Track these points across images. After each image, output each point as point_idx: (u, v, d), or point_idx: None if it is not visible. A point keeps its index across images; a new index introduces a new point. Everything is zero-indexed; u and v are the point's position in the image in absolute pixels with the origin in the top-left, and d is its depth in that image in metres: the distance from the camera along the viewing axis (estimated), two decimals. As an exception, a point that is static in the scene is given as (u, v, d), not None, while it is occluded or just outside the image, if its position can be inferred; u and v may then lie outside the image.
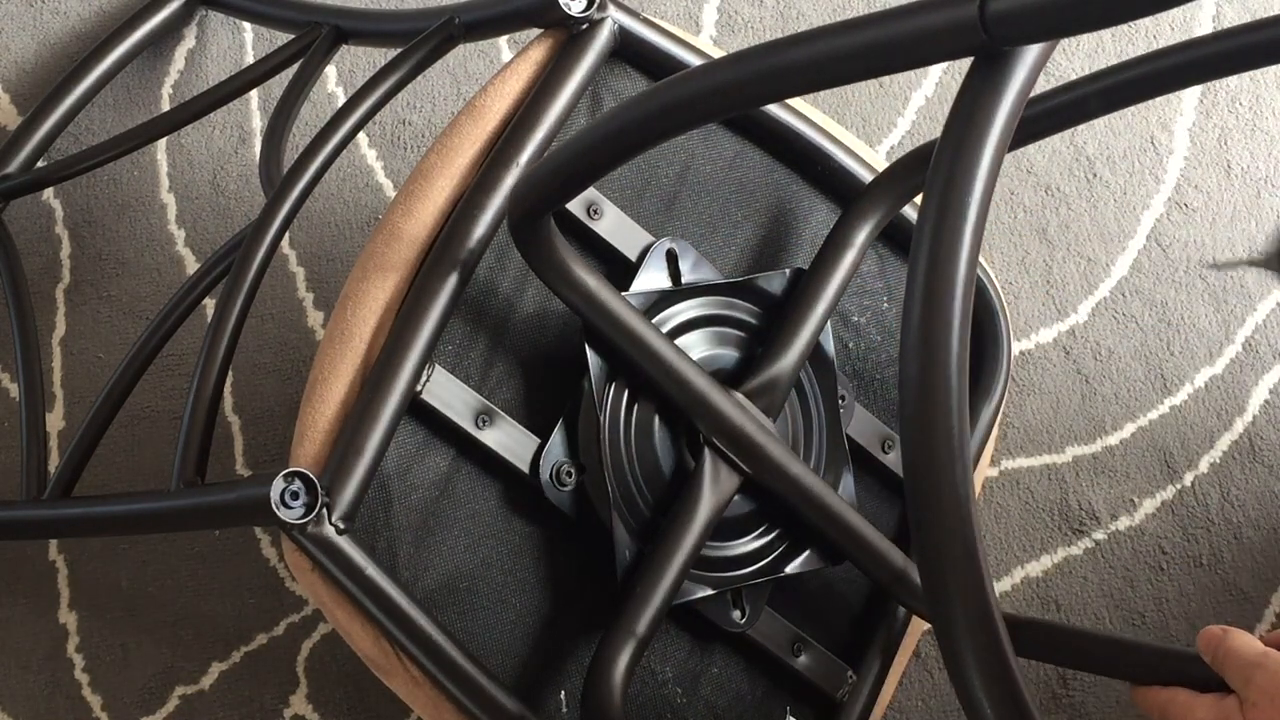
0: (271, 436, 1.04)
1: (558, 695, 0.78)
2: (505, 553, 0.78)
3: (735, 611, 0.82)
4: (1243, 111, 1.18)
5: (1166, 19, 1.20)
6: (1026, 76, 0.53)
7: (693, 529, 0.76)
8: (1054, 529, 1.09)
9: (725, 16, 1.16)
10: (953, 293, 0.53)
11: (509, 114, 0.80)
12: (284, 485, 0.70)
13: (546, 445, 0.77)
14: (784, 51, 0.55)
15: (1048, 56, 0.53)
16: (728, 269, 0.86)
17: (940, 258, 0.53)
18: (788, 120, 0.87)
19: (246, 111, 1.10)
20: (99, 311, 1.06)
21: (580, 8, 0.81)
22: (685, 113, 0.59)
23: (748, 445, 0.78)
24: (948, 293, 0.53)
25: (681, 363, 0.77)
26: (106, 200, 1.08)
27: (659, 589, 0.75)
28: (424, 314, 0.74)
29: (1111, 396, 1.11)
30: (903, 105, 1.16)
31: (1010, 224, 1.14)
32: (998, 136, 0.53)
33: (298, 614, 1.01)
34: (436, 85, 1.12)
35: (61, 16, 1.11)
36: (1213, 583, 1.08)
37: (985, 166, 0.52)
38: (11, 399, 1.04)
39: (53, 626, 1.00)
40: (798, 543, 0.83)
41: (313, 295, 1.07)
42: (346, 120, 0.86)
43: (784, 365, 0.80)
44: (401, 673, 0.74)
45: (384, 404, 0.72)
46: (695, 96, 0.58)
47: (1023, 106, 0.53)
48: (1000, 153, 0.53)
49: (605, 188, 0.82)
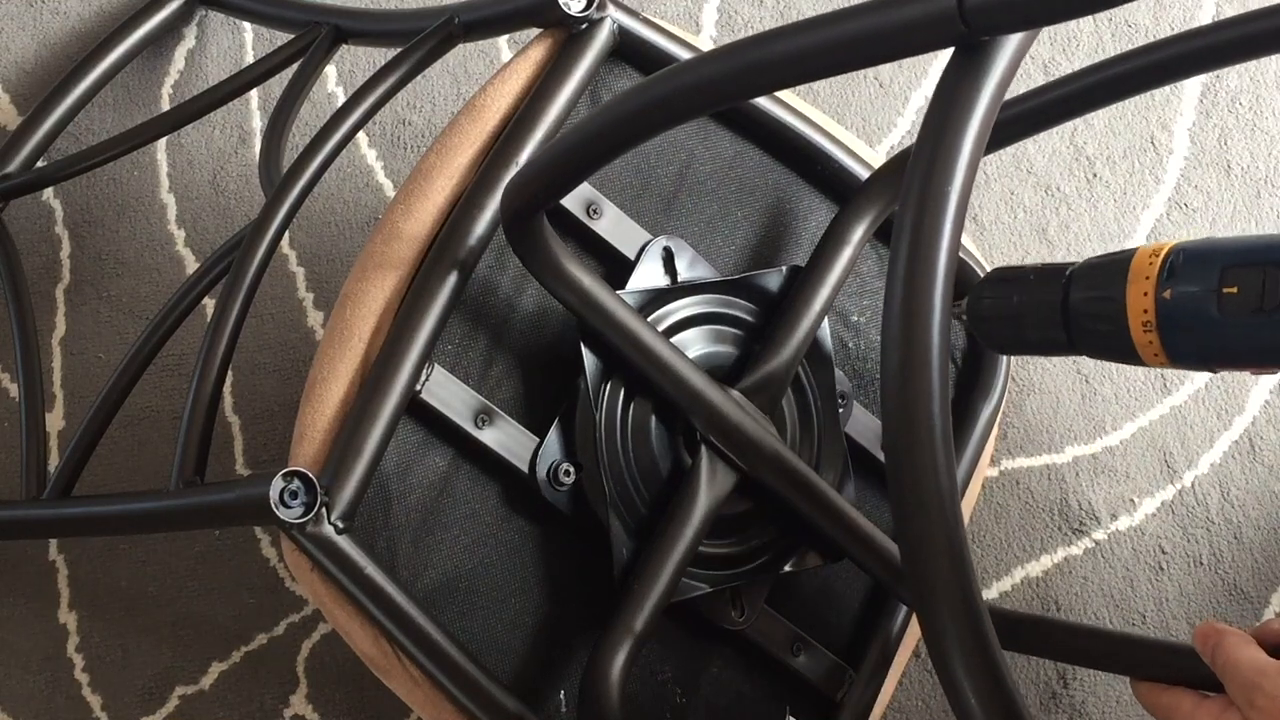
0: (271, 436, 1.04)
1: (557, 694, 0.78)
2: (505, 552, 0.78)
3: (733, 610, 0.82)
4: (1243, 111, 1.18)
5: (1167, 19, 1.20)
6: (1006, 67, 0.53)
7: (690, 527, 0.76)
8: (1054, 529, 1.09)
9: (725, 16, 1.16)
10: (933, 282, 0.53)
11: (509, 113, 0.80)
12: (283, 485, 0.70)
13: (542, 445, 0.77)
14: (767, 45, 0.55)
15: (1027, 47, 0.53)
16: (727, 268, 0.86)
17: (920, 247, 0.53)
18: (787, 120, 0.87)
19: (246, 111, 1.10)
20: (99, 311, 1.06)
21: (580, 7, 0.81)
22: (672, 108, 0.59)
23: (744, 442, 0.78)
24: (928, 282, 0.53)
25: (677, 360, 0.77)
26: (106, 200, 1.08)
27: (656, 587, 0.75)
28: (423, 313, 0.74)
29: (1111, 396, 1.11)
30: (902, 105, 1.16)
31: (1010, 224, 1.14)
32: (978, 126, 0.53)
33: (298, 614, 1.01)
34: (436, 85, 1.12)
35: (61, 16, 1.11)
36: (1213, 583, 1.08)
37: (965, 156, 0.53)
38: (11, 399, 1.04)
39: (53, 626, 1.00)
40: (796, 540, 0.83)
41: (313, 295, 1.07)
42: (346, 120, 0.86)
43: (781, 362, 0.80)
44: (401, 672, 0.74)
45: (383, 403, 0.72)
46: (679, 92, 0.58)
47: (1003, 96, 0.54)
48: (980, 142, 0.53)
49: (605, 187, 0.82)
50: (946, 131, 0.53)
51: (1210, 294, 0.62)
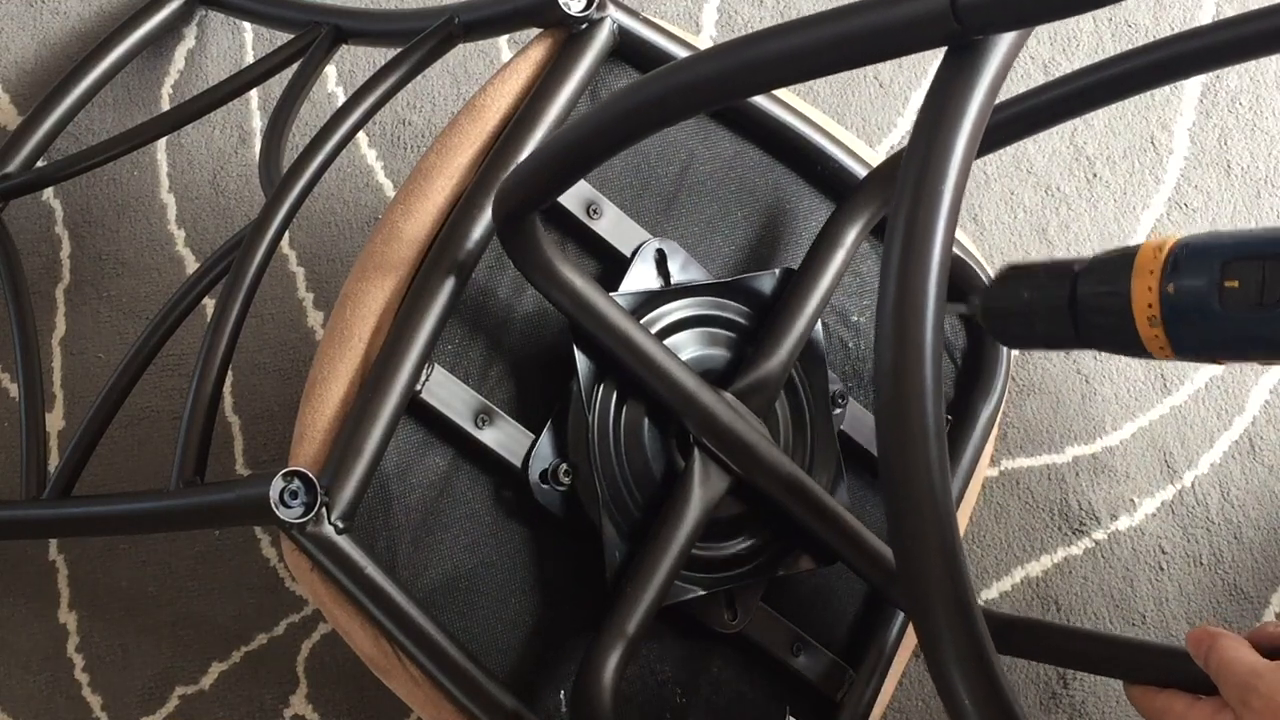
0: (271, 436, 1.04)
1: (557, 694, 0.79)
2: (505, 552, 0.78)
3: (727, 613, 0.81)
4: (1243, 111, 1.18)
5: (1167, 19, 1.19)
6: (999, 66, 0.53)
7: (682, 530, 0.76)
8: (1054, 529, 1.09)
9: (725, 16, 1.16)
10: (926, 281, 0.53)
11: (508, 113, 0.80)
12: (283, 485, 0.70)
13: (534, 447, 0.77)
14: (761, 44, 0.55)
15: (1020, 46, 0.54)
16: (728, 267, 0.86)
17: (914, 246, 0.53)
18: (787, 119, 0.87)
19: (246, 111, 1.10)
20: (99, 311, 1.06)
21: (580, 7, 0.81)
22: (664, 108, 0.59)
23: (737, 445, 0.78)
24: (922, 280, 0.53)
25: (670, 362, 0.77)
26: (106, 200, 1.08)
27: (649, 590, 0.75)
28: (423, 313, 0.74)
29: (1111, 396, 1.11)
30: (902, 105, 1.16)
31: (1010, 224, 1.14)
32: (971, 125, 0.53)
33: (298, 614, 1.01)
34: (436, 85, 1.12)
35: (61, 16, 1.11)
36: (1213, 583, 1.08)
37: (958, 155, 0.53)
38: (11, 399, 1.04)
39: (53, 626, 1.00)
40: (790, 544, 0.82)
41: (313, 295, 1.07)
42: (346, 120, 0.86)
43: (774, 365, 0.80)
44: (401, 672, 0.74)
45: (383, 403, 0.72)
46: (674, 91, 0.58)
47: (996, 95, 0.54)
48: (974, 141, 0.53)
49: (605, 187, 0.82)
50: (940, 130, 0.53)
51: (1212, 288, 0.62)
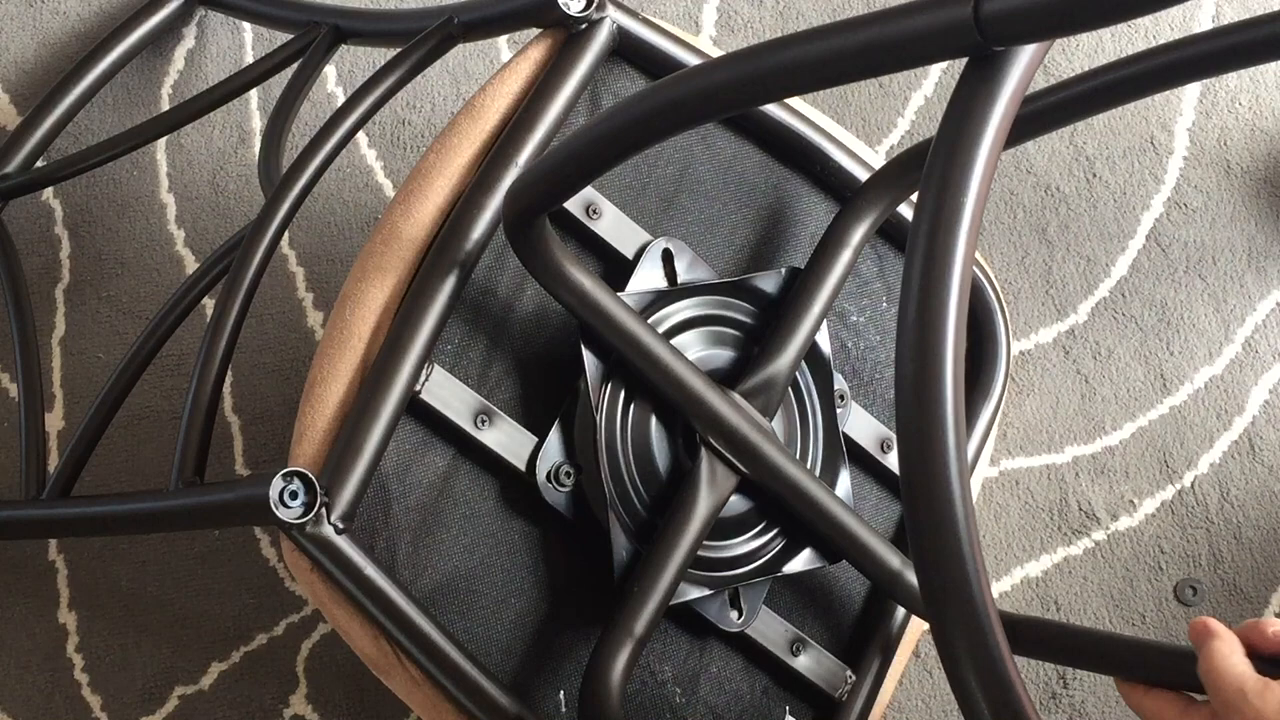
0: (271, 436, 1.04)
1: (557, 695, 0.78)
2: (505, 552, 0.78)
3: (733, 611, 0.81)
4: (1243, 111, 1.18)
5: (1166, 19, 1.19)
6: (1021, 77, 0.53)
7: (690, 529, 0.76)
8: (1053, 529, 1.09)
9: (725, 16, 1.16)
10: (948, 293, 0.53)
11: (508, 114, 0.80)
12: (283, 485, 0.70)
13: (543, 446, 0.77)
14: (779, 52, 0.54)
15: (1042, 57, 0.53)
16: (727, 268, 0.86)
17: (935, 258, 0.53)
18: (787, 120, 0.87)
19: (246, 111, 1.10)
20: (99, 311, 1.06)
21: (579, 7, 0.81)
22: (680, 114, 0.59)
23: (744, 445, 0.78)
24: (943, 293, 0.53)
25: (677, 362, 0.77)
26: (106, 200, 1.08)
27: (656, 589, 0.75)
28: (423, 313, 0.74)
29: (1111, 396, 1.11)
30: (902, 105, 1.16)
31: (1010, 224, 1.14)
32: (992, 137, 0.53)
33: (298, 614, 1.01)
34: (436, 85, 1.12)
35: (61, 16, 1.11)
36: (1213, 583, 1.08)
37: (980, 167, 0.52)
38: (11, 399, 1.04)
39: (53, 626, 1.00)
40: (795, 542, 0.83)
41: (312, 295, 1.07)
42: (346, 120, 0.86)
43: (780, 365, 0.80)
44: (400, 672, 0.74)
45: (383, 403, 0.72)
46: (690, 97, 0.58)
47: (1017, 106, 0.53)
48: (995, 153, 0.53)
49: (604, 188, 0.82)
50: (961, 142, 0.52)
51: None
